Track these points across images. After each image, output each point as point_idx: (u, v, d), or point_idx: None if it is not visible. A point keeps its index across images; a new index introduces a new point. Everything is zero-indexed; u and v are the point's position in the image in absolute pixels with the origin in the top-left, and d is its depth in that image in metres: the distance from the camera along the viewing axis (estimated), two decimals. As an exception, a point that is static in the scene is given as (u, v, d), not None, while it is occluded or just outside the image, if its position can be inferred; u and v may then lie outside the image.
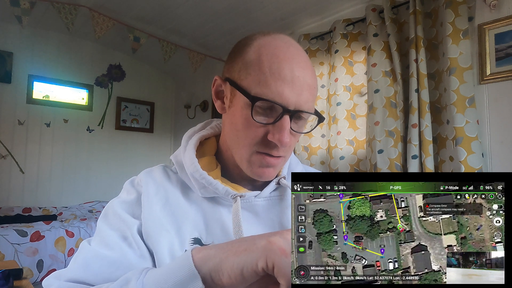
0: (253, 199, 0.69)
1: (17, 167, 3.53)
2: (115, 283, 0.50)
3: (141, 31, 3.22)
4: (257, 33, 0.67)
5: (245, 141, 0.64)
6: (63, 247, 2.81)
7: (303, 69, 0.62)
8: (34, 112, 3.65)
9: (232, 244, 0.45)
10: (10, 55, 3.51)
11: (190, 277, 0.43)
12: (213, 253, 0.45)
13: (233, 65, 0.66)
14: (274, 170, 0.67)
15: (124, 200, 0.69)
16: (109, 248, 0.61)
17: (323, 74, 2.71)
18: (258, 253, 0.41)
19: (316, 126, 0.70)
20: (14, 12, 2.69)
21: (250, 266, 0.41)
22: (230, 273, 0.42)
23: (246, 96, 0.61)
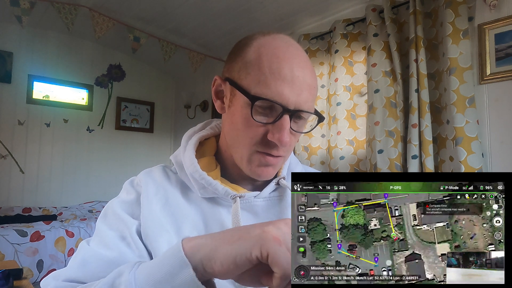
0: (252, 200, 0.69)
1: (17, 167, 3.53)
2: (108, 276, 0.50)
3: (141, 31, 3.22)
4: (257, 33, 0.67)
5: (245, 140, 0.64)
6: (63, 247, 2.81)
7: (303, 69, 0.62)
8: (34, 112, 3.65)
9: (225, 233, 0.45)
10: (10, 55, 3.51)
11: (180, 266, 0.43)
12: (205, 242, 0.44)
13: (233, 65, 0.66)
14: (273, 169, 0.67)
15: (124, 200, 0.70)
16: (107, 248, 0.61)
17: (323, 74, 2.71)
18: (252, 241, 0.41)
19: (316, 126, 0.70)
20: (14, 12, 2.69)
21: (244, 254, 0.40)
22: (222, 261, 0.41)
23: (246, 96, 0.61)
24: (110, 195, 0.61)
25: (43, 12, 3.21)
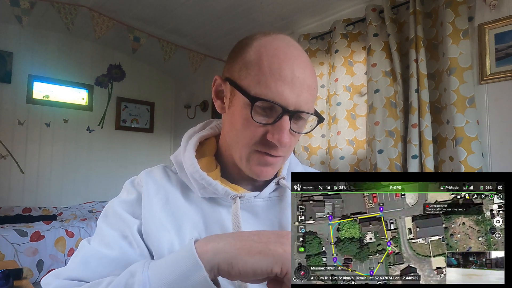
0: (252, 200, 0.69)
1: (17, 167, 3.53)
2: (120, 276, 0.51)
3: (141, 31, 3.22)
4: (257, 33, 0.67)
5: (244, 140, 0.64)
6: (63, 247, 2.81)
7: (303, 69, 0.62)
8: (34, 112, 3.65)
9: (244, 242, 0.47)
10: (10, 55, 3.51)
11: (194, 268, 0.45)
12: (222, 247, 0.47)
13: (233, 65, 0.66)
14: (273, 169, 0.67)
15: (124, 200, 0.70)
16: (108, 247, 0.62)
17: (323, 74, 2.70)
18: (274, 259, 0.44)
19: (315, 126, 0.70)
20: (14, 12, 2.68)
21: (265, 269, 0.44)
22: (241, 270, 0.45)
23: (245, 96, 0.61)
24: (110, 195, 0.61)
25: (43, 12, 3.20)
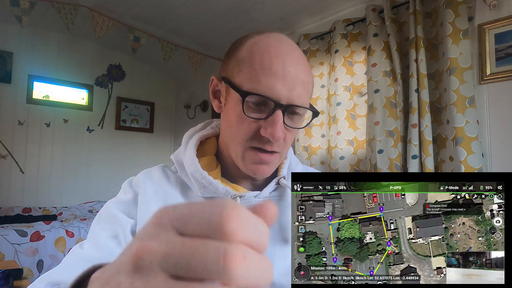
0: (252, 199, 0.69)
1: (17, 167, 3.53)
2: None
3: (141, 31, 3.21)
4: (252, 33, 0.68)
5: (239, 137, 0.64)
6: (63, 247, 2.81)
7: (296, 64, 0.62)
8: (34, 112, 3.65)
9: None
10: (10, 55, 3.51)
11: None
12: None
13: (228, 64, 0.67)
14: (269, 167, 0.67)
15: (120, 200, 0.70)
16: (97, 248, 0.61)
17: (323, 74, 2.70)
18: None
19: (311, 121, 0.70)
20: (14, 12, 2.68)
21: None
22: None
23: (237, 92, 0.62)
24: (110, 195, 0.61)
25: (43, 12, 3.20)
